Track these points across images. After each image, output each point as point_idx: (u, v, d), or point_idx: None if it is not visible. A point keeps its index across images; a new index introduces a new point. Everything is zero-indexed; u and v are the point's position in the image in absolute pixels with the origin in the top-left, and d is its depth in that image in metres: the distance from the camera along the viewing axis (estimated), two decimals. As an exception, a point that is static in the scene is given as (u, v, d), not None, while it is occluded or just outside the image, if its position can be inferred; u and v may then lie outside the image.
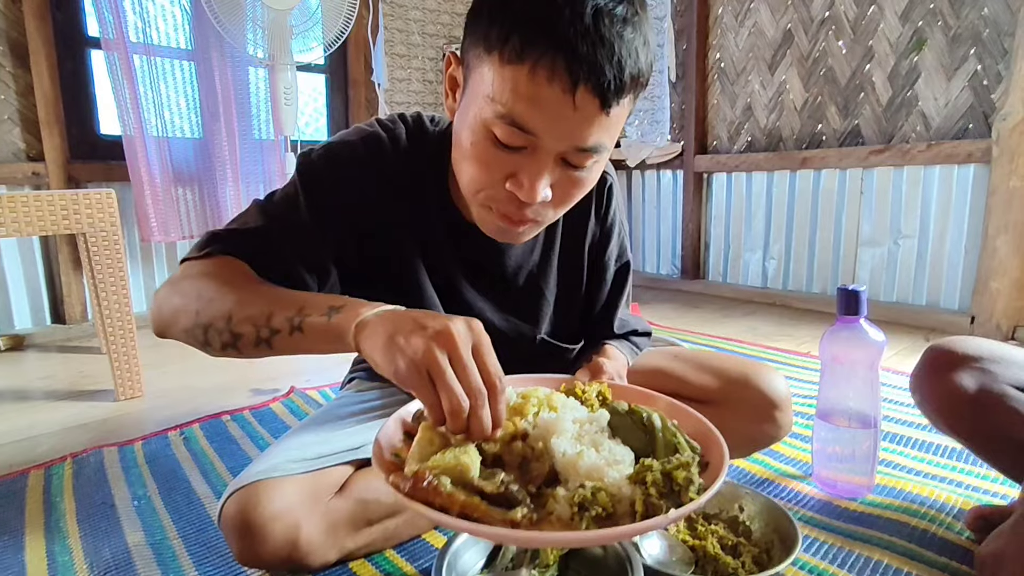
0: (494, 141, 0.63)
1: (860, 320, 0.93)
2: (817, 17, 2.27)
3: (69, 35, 2.09)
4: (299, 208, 0.76)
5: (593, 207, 0.90)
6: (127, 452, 1.17)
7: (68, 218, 1.36)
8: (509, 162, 0.64)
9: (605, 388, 0.65)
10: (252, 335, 0.64)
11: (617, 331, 0.95)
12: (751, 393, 0.87)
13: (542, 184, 0.64)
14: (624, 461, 0.51)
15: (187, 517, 0.93)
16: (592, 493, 0.48)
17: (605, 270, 0.94)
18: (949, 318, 1.97)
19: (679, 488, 0.48)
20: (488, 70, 0.62)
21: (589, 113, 0.60)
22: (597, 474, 0.49)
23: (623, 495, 0.49)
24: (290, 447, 0.80)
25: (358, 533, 0.78)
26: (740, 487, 0.85)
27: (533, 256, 0.88)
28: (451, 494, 0.46)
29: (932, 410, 0.88)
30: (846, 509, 0.91)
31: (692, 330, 2.06)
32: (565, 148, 0.63)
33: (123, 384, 1.47)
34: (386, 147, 0.79)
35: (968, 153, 1.91)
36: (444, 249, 0.83)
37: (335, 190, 0.77)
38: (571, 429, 0.54)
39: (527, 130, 0.61)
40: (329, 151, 0.79)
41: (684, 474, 0.49)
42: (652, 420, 0.56)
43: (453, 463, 0.49)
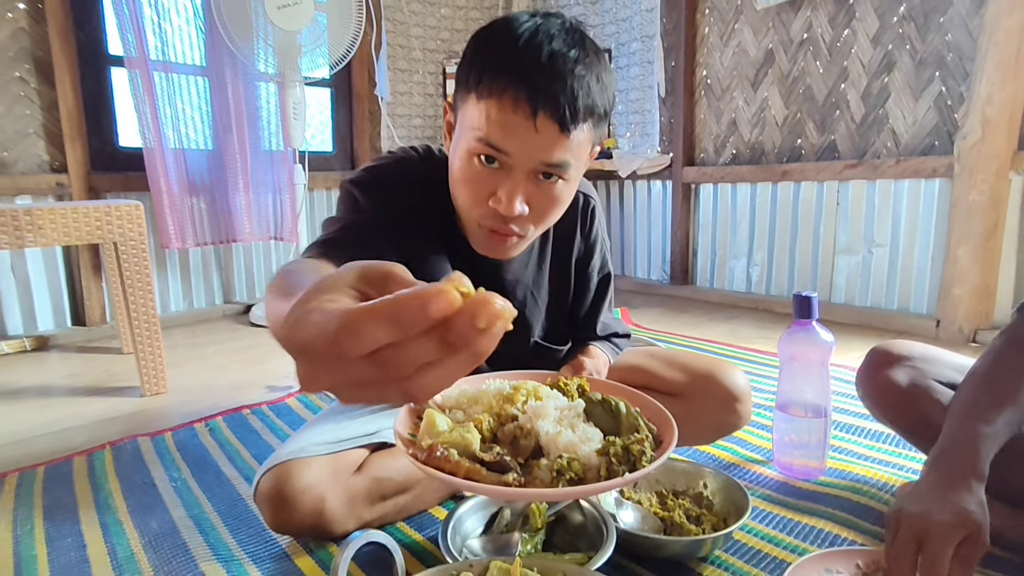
0: (477, 162, 0.78)
1: (812, 323, 1.05)
2: (796, 39, 2.41)
3: (91, 53, 2.22)
4: (359, 203, 0.87)
5: (578, 226, 1.04)
6: (159, 441, 1.29)
7: (101, 229, 1.48)
8: (490, 181, 0.78)
9: (584, 382, 0.77)
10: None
11: (600, 333, 1.08)
12: (715, 387, 1.00)
13: (518, 198, 0.78)
14: (594, 439, 0.64)
15: (219, 495, 1.06)
16: (567, 462, 0.60)
17: (589, 280, 1.07)
18: (917, 322, 2.11)
19: (634, 458, 0.61)
20: (469, 107, 0.77)
21: (550, 135, 0.75)
22: (572, 449, 0.62)
23: (592, 464, 0.61)
24: (314, 433, 0.92)
25: (373, 506, 0.91)
26: (704, 468, 0.98)
27: (528, 271, 1.01)
28: (458, 462, 0.57)
29: (871, 402, 1.01)
30: (800, 488, 1.04)
31: (678, 333, 2.18)
32: (533, 165, 0.77)
33: (149, 381, 1.59)
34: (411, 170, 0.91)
35: (933, 168, 2.04)
36: (451, 263, 0.96)
37: (386, 193, 0.89)
38: (554, 414, 0.67)
39: (500, 149, 0.76)
40: (372, 171, 0.91)
41: (638, 447, 0.62)
42: (618, 407, 0.70)
43: (459, 439, 0.60)
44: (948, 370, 0.95)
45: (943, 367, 0.96)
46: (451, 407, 0.68)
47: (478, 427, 0.62)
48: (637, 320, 2.39)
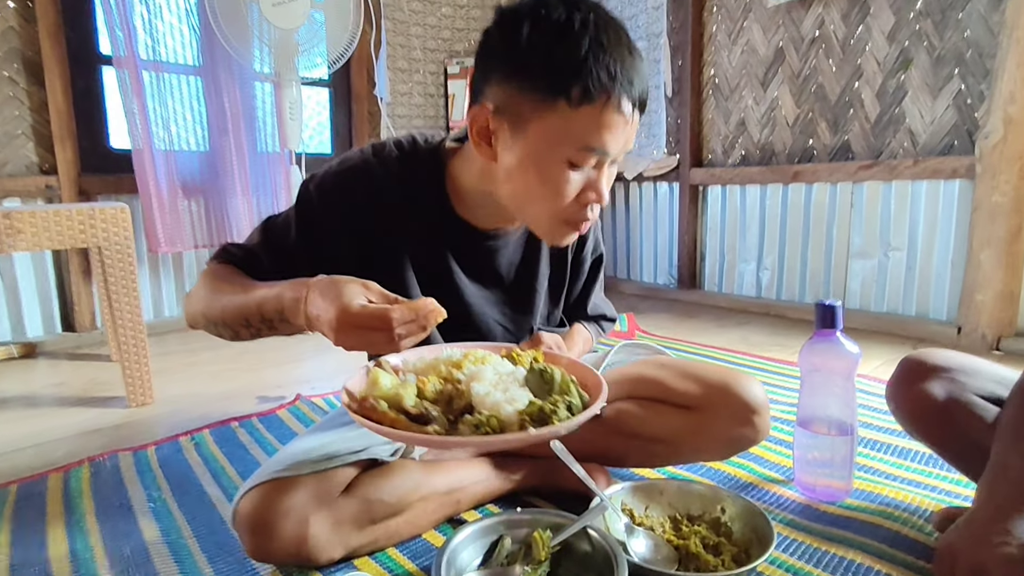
0: (570, 167, 0.79)
1: (836, 333, 0.98)
2: (807, 36, 2.34)
3: (81, 53, 2.16)
4: (290, 233, 0.89)
5: None
6: (141, 456, 1.22)
7: (84, 232, 1.42)
8: (582, 181, 0.80)
9: (539, 354, 0.81)
10: (246, 333, 0.81)
11: (590, 312, 1.13)
12: (730, 399, 0.92)
13: (607, 187, 0.82)
14: (519, 401, 0.68)
15: (200, 518, 0.98)
16: (487, 419, 0.65)
17: (584, 262, 1.09)
18: (937, 328, 2.03)
19: (547, 417, 0.65)
20: (555, 116, 0.75)
21: (634, 123, 0.79)
22: (497, 408, 0.67)
23: (511, 422, 0.66)
24: (298, 450, 0.85)
25: (362, 531, 0.84)
26: (721, 490, 0.91)
27: (520, 253, 1.01)
28: (384, 412, 0.65)
29: (905, 417, 0.93)
30: (825, 512, 0.96)
31: (687, 339, 2.11)
32: (620, 154, 0.80)
33: (134, 391, 1.53)
34: (376, 171, 0.89)
35: (953, 169, 1.96)
36: (443, 252, 0.94)
37: (325, 218, 0.89)
38: (491, 378, 0.71)
39: (604, 151, 0.77)
40: (323, 183, 0.90)
41: (551, 407, 0.67)
42: (552, 375, 0.73)
43: (392, 392, 0.67)
44: (989, 383, 0.87)
45: (984, 379, 0.88)
46: (409, 371, 0.75)
47: (421, 387, 0.69)
48: (644, 326, 2.32)
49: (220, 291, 0.82)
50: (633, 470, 1.07)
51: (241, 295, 0.79)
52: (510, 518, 0.83)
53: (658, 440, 0.97)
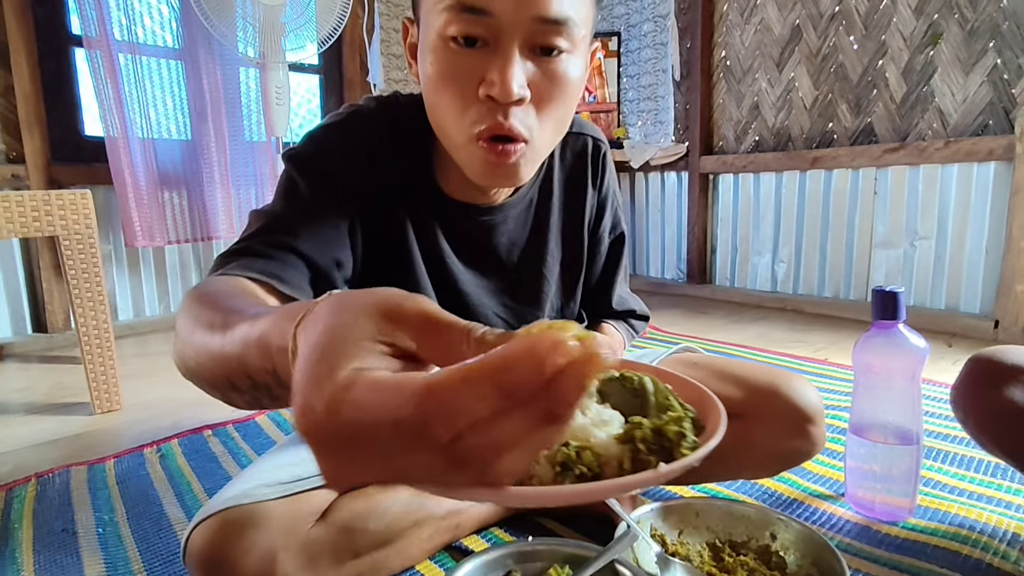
0: (453, 45, 0.60)
1: (898, 325, 0.84)
2: (827, 12, 2.20)
3: (51, 32, 2.01)
4: (298, 189, 0.69)
5: (589, 176, 0.86)
6: (97, 471, 1.07)
7: (39, 220, 1.27)
8: (476, 64, 0.60)
9: None
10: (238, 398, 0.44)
11: (616, 307, 0.92)
12: (780, 405, 0.78)
13: (513, 72, 0.58)
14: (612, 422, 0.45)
15: (155, 547, 0.84)
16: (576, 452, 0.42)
17: (600, 243, 0.90)
18: (971, 322, 1.89)
19: (670, 444, 0.42)
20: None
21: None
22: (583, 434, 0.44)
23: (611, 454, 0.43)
24: (264, 469, 0.71)
25: (342, 566, 0.69)
26: (772, 511, 0.76)
27: (525, 231, 0.82)
28: None
29: (976, 427, 0.79)
30: (887, 535, 0.82)
31: (700, 336, 1.97)
32: (528, 24, 0.59)
33: (100, 396, 1.38)
34: (358, 120, 0.74)
35: (989, 150, 1.82)
36: (432, 228, 0.77)
37: (331, 167, 0.71)
38: None
39: (480, 9, 0.58)
40: (312, 137, 0.73)
41: (675, 428, 0.43)
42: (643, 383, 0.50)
43: None
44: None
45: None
46: None
47: None
48: (653, 322, 2.16)
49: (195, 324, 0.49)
50: (663, 487, 0.93)
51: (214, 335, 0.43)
52: (520, 549, 0.69)
53: (694, 454, 0.82)
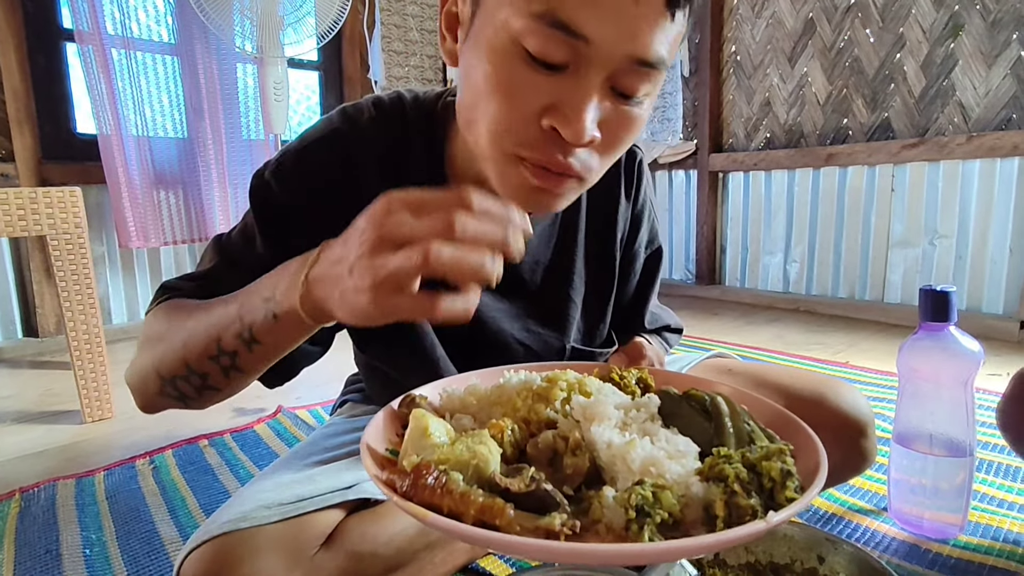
0: (526, 59, 0.48)
1: (949, 327, 0.77)
2: (842, 4, 2.14)
3: (41, 26, 1.95)
4: (254, 238, 0.64)
5: (623, 187, 0.77)
6: (85, 485, 1.01)
7: (26, 219, 1.21)
8: (546, 88, 0.49)
9: (646, 374, 0.52)
10: (215, 369, 0.55)
11: (649, 327, 0.84)
12: (828, 415, 0.71)
13: (590, 113, 0.48)
14: (689, 453, 0.39)
15: (145, 569, 0.78)
16: (653, 493, 0.35)
17: (635, 260, 0.81)
18: (994, 324, 1.83)
19: (772, 484, 0.36)
20: None
21: (653, 12, 0.47)
22: (656, 469, 0.37)
23: (693, 495, 0.36)
24: (265, 488, 0.64)
25: (350, 596, 0.63)
26: (819, 531, 0.70)
27: (550, 248, 0.75)
28: (465, 493, 0.35)
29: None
30: (939, 554, 0.76)
31: (714, 339, 1.91)
32: (620, 60, 0.48)
33: (90, 404, 1.32)
34: (348, 140, 0.66)
35: (1014, 145, 1.77)
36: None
37: (292, 211, 0.64)
38: (615, 416, 0.42)
39: (575, 31, 0.46)
40: (280, 166, 0.66)
41: (777, 465, 0.36)
42: (717, 404, 0.44)
43: (465, 455, 0.38)
44: None
45: None
46: (455, 411, 0.47)
47: (496, 438, 0.41)
48: (665, 324, 2.11)
49: (175, 323, 0.59)
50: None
51: (204, 311, 0.57)
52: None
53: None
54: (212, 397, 0.59)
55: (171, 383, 0.58)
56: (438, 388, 0.50)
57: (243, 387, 0.60)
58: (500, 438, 0.41)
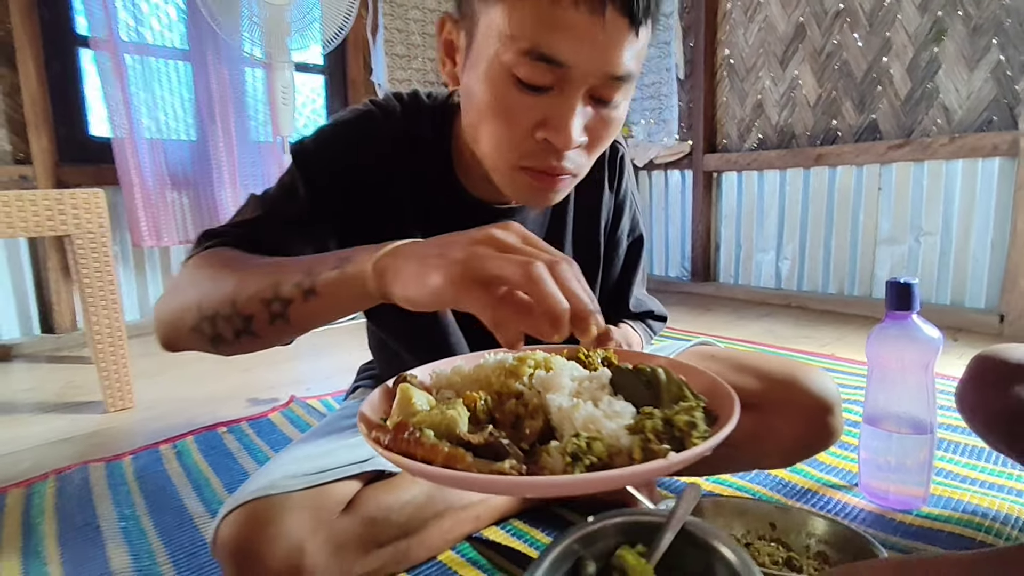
0: (517, 85, 0.58)
1: (912, 316, 0.85)
2: (831, 9, 2.21)
3: (57, 33, 2.02)
4: (297, 192, 0.72)
5: (607, 179, 0.86)
6: (115, 468, 1.08)
7: (53, 219, 1.28)
8: (536, 107, 0.59)
9: (611, 353, 0.60)
10: (263, 313, 0.56)
11: (633, 309, 0.92)
12: (798, 395, 0.78)
13: (576, 124, 0.59)
14: (624, 414, 0.48)
15: (178, 539, 0.85)
16: (586, 443, 0.44)
17: (619, 245, 0.90)
18: (976, 317, 1.90)
19: (680, 434, 0.44)
20: (500, 10, 0.57)
21: (619, 35, 0.56)
22: (594, 426, 0.46)
23: (621, 446, 0.45)
24: (289, 461, 0.72)
25: (367, 556, 0.70)
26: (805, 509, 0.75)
27: (542, 232, 0.83)
28: (434, 444, 0.43)
29: (981, 424, 0.79)
30: (901, 523, 0.83)
31: (707, 333, 1.98)
32: (597, 78, 0.58)
33: (112, 395, 1.39)
34: (379, 121, 0.75)
35: (993, 146, 1.84)
36: (447, 219, 0.76)
37: (331, 168, 0.73)
38: (569, 385, 0.51)
39: (556, 61, 0.56)
40: (321, 134, 0.75)
41: (685, 418, 0.45)
42: (656, 374, 0.52)
43: (439, 417, 0.46)
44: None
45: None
46: (441, 387, 0.55)
47: (469, 406, 0.50)
48: (660, 320, 2.19)
49: (231, 264, 0.62)
50: (678, 478, 0.94)
51: (272, 262, 0.60)
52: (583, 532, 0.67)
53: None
54: (246, 344, 0.60)
55: (210, 320, 0.59)
56: (428, 370, 0.59)
57: (274, 344, 0.61)
58: (474, 406, 0.49)
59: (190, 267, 0.66)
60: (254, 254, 0.66)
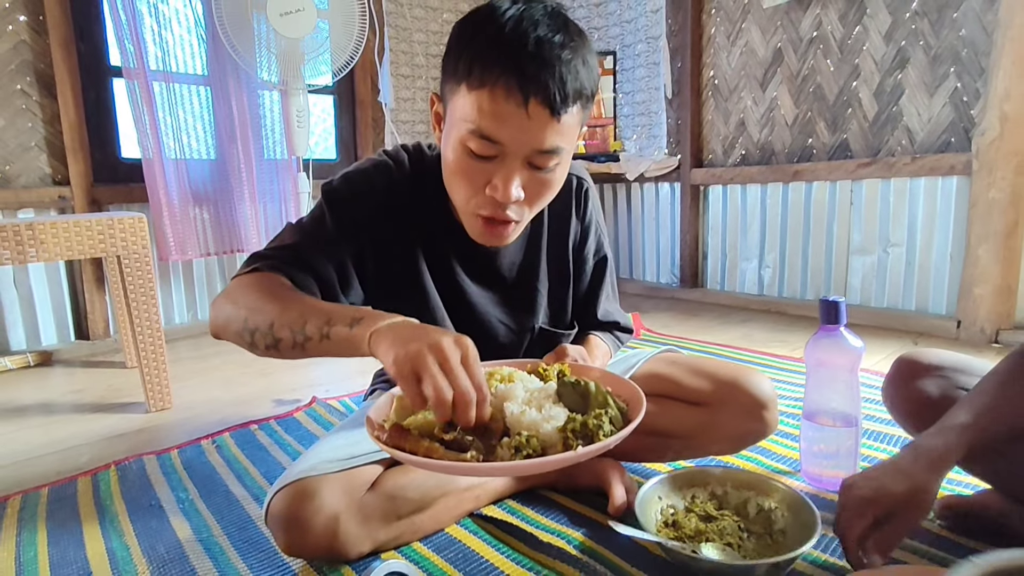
0: (471, 154, 0.78)
1: (840, 328, 1.01)
2: (805, 37, 2.38)
3: (92, 65, 2.20)
4: (326, 223, 0.89)
5: (573, 209, 1.04)
6: (165, 459, 1.25)
7: (104, 242, 1.45)
8: (485, 171, 0.78)
9: (565, 367, 0.79)
10: (289, 340, 0.73)
11: (601, 319, 1.09)
12: (740, 394, 0.95)
13: (514, 185, 0.78)
14: (558, 418, 0.66)
15: (228, 517, 1.02)
16: (526, 439, 0.63)
17: (585, 264, 1.07)
18: (937, 323, 2.06)
19: (591, 433, 0.64)
20: (459, 98, 0.77)
21: (542, 121, 0.75)
22: (535, 427, 0.64)
23: (552, 441, 0.64)
24: (324, 449, 0.89)
25: (389, 526, 0.87)
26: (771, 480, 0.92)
27: (521, 253, 1.01)
28: (417, 440, 0.63)
29: (900, 414, 0.96)
30: (831, 501, 1.00)
31: (690, 337, 2.14)
32: (527, 152, 0.77)
33: (154, 396, 1.56)
34: (392, 172, 0.93)
35: (951, 166, 2.00)
36: (447, 254, 0.96)
37: (354, 207, 0.90)
38: (522, 396, 0.69)
39: (494, 140, 0.76)
40: (347, 177, 0.92)
41: (595, 422, 0.64)
42: (587, 387, 0.71)
43: (422, 420, 0.65)
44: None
45: (976, 376, 0.91)
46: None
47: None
48: (648, 324, 2.35)
49: (277, 296, 0.77)
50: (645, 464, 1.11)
51: (307, 302, 0.76)
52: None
53: (670, 435, 1.00)
54: (271, 355, 0.77)
55: (251, 332, 0.76)
56: None
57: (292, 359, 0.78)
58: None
59: (245, 283, 0.81)
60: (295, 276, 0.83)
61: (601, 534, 0.91)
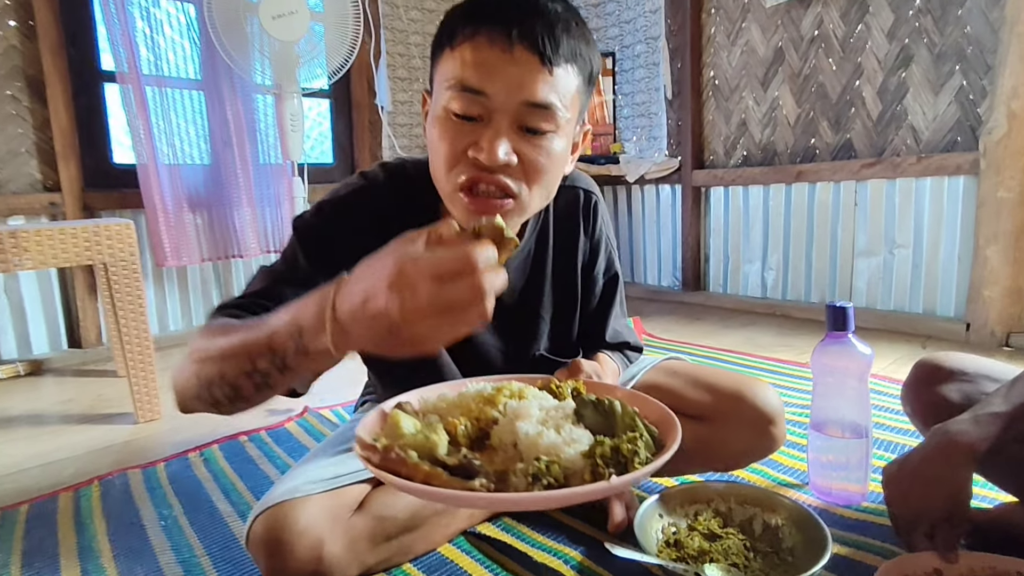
0: (453, 117, 0.72)
1: (848, 335, 0.97)
2: (807, 36, 2.34)
3: (83, 70, 2.16)
4: (298, 260, 0.81)
5: (581, 225, 0.96)
6: (150, 474, 1.21)
7: (90, 249, 1.42)
8: (469, 133, 0.71)
9: (580, 385, 0.70)
10: (248, 383, 0.60)
11: (610, 340, 1.01)
12: (744, 408, 0.91)
13: (500, 143, 0.70)
14: (581, 441, 0.56)
15: (212, 536, 0.98)
16: (546, 466, 0.52)
17: (595, 284, 0.99)
18: (945, 325, 2.02)
19: (624, 460, 0.53)
20: (443, 65, 0.73)
21: (530, 68, 0.69)
22: (555, 451, 0.54)
23: (576, 468, 0.53)
24: (309, 469, 0.84)
25: (377, 548, 0.83)
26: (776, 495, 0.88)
27: (524, 277, 0.93)
28: (416, 464, 0.52)
29: (920, 420, 0.92)
30: (842, 516, 0.95)
31: (693, 342, 2.10)
32: (515, 105, 0.70)
33: (142, 407, 1.52)
34: (369, 191, 0.86)
35: (957, 165, 1.96)
36: None
37: (328, 237, 0.82)
38: (536, 414, 0.59)
39: (477, 90, 0.69)
40: (319, 208, 0.85)
41: (629, 447, 0.54)
42: (612, 406, 0.61)
43: (423, 440, 0.55)
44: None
45: (998, 383, 0.87)
46: (428, 412, 0.62)
47: (451, 431, 0.57)
48: (649, 329, 2.31)
49: (215, 339, 0.64)
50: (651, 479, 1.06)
51: (242, 333, 0.61)
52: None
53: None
54: (241, 406, 0.64)
55: (207, 389, 0.63)
56: (417, 395, 0.69)
57: (271, 398, 0.64)
58: (455, 431, 0.57)
59: (196, 338, 0.69)
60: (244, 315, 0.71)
61: (600, 554, 0.87)
